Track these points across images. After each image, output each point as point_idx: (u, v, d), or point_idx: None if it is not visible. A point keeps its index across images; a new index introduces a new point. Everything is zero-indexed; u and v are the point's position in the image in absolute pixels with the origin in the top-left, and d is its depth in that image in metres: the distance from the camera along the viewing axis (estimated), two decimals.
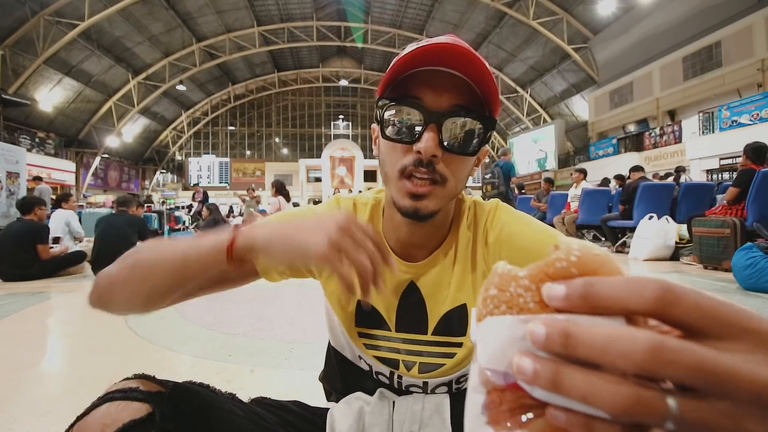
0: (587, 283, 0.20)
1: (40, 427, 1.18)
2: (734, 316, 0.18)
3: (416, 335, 0.63)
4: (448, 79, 0.51)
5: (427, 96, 0.52)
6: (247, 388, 1.46)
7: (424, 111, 0.51)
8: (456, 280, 0.62)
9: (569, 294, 0.20)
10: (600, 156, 16.00)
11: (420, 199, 0.52)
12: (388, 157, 0.55)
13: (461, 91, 0.52)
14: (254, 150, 26.82)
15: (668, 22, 12.97)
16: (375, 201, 0.67)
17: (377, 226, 0.65)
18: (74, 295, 3.35)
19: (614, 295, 0.19)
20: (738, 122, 10.52)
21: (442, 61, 0.50)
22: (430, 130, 0.50)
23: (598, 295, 0.19)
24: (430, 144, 0.50)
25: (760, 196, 3.64)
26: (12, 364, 1.71)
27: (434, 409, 0.62)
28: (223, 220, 6.35)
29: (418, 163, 0.51)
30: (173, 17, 16.24)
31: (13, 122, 14.37)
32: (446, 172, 0.52)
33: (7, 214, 7.20)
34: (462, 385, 0.67)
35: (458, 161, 0.53)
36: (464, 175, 0.56)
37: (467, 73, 0.51)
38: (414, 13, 18.17)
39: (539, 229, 0.60)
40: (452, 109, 0.51)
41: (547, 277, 0.22)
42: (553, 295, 0.21)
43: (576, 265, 0.22)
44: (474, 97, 0.53)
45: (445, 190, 0.53)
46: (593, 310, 0.20)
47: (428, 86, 0.52)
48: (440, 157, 0.51)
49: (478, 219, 0.64)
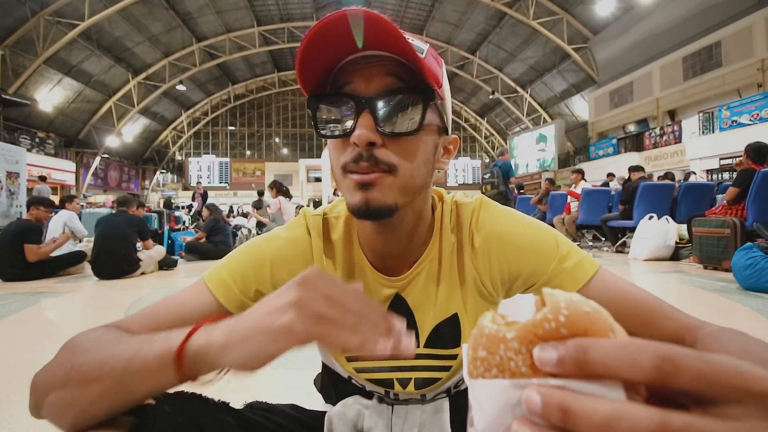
0: (580, 349, 0.19)
1: (40, 427, 1.18)
2: (737, 380, 0.18)
3: None
4: (378, 61, 0.47)
5: (358, 81, 0.47)
6: (246, 389, 1.46)
7: (353, 98, 0.46)
8: (444, 290, 0.58)
9: (561, 360, 0.20)
10: (600, 156, 16.01)
11: (368, 189, 0.46)
12: (333, 158, 0.50)
13: (393, 69, 0.47)
14: (254, 150, 26.82)
15: (668, 22, 12.97)
16: (348, 213, 0.60)
17: (354, 238, 0.59)
18: (74, 295, 3.35)
19: (610, 364, 0.19)
20: (738, 122, 10.52)
21: (363, 43, 0.45)
22: (362, 117, 0.45)
23: (593, 363, 0.19)
24: (363, 131, 0.45)
25: (760, 196, 3.64)
26: (12, 364, 1.71)
27: (433, 412, 0.61)
28: (223, 220, 6.35)
29: (357, 156, 0.46)
30: (173, 17, 16.24)
31: (13, 122, 14.37)
32: (392, 158, 0.46)
33: (7, 213, 7.20)
34: (460, 387, 0.67)
35: (405, 144, 0.47)
36: (419, 160, 0.49)
37: (393, 49, 0.45)
38: (414, 13, 18.16)
39: (527, 224, 0.57)
40: (383, 89, 0.46)
41: (536, 339, 0.21)
42: (544, 360, 0.20)
43: (565, 326, 0.21)
44: (408, 70, 0.47)
45: (397, 179, 0.47)
46: (588, 377, 0.19)
47: (357, 71, 0.47)
48: (380, 144, 0.46)
49: (462, 221, 0.59)
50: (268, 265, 0.56)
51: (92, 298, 3.27)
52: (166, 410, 0.43)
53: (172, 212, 9.13)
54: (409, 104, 0.47)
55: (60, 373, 0.40)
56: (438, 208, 0.60)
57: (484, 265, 0.57)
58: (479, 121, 25.93)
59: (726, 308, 2.46)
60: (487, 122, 25.54)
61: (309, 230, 0.59)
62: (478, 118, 25.81)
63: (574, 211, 6.27)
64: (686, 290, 3.07)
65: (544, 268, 0.54)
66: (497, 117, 24.54)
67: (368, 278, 0.58)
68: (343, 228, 0.60)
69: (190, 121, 24.87)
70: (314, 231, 0.59)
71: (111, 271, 4.04)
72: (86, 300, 3.23)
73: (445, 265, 0.58)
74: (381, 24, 0.42)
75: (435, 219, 0.59)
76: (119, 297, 3.21)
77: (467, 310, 0.58)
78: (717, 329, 0.42)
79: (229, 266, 0.56)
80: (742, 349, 0.35)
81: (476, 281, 0.58)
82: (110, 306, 2.92)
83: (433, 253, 0.58)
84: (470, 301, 0.58)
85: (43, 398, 0.40)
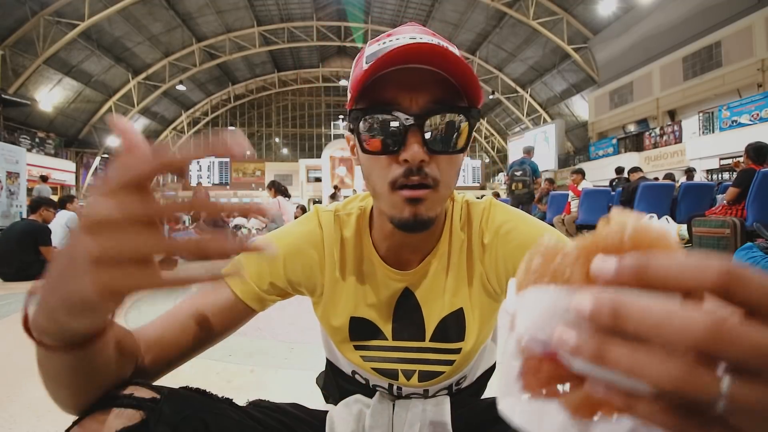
0: (642, 258, 0.19)
1: (40, 427, 1.18)
2: None
3: (414, 342, 0.61)
4: (421, 76, 0.47)
5: (402, 98, 0.48)
6: (246, 388, 1.46)
7: (401, 115, 0.47)
8: (451, 284, 0.60)
9: (622, 267, 0.19)
10: (600, 156, 16.00)
11: (418, 204, 0.49)
12: (374, 172, 0.51)
13: (437, 86, 0.48)
14: (254, 150, 26.82)
15: (668, 22, 12.97)
16: (360, 210, 0.63)
17: (365, 236, 0.61)
18: None
19: (673, 270, 0.18)
20: (738, 122, 10.52)
21: (411, 58, 0.46)
22: (412, 135, 0.47)
23: (655, 269, 0.18)
24: (416, 150, 0.46)
25: (760, 196, 3.64)
26: (12, 364, 1.71)
27: (435, 410, 0.61)
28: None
29: (407, 172, 0.48)
30: (173, 17, 16.23)
31: (13, 122, 14.36)
32: (437, 174, 0.49)
33: (7, 213, 7.20)
34: (461, 385, 0.67)
35: (447, 161, 0.50)
36: (455, 174, 0.52)
37: (440, 65, 0.47)
38: (414, 13, 18.16)
39: (537, 226, 0.59)
40: (430, 107, 0.47)
41: (597, 250, 0.21)
42: (603, 267, 0.19)
43: (630, 240, 0.20)
44: (451, 88, 0.49)
45: (438, 194, 0.50)
46: (647, 285, 0.18)
47: (401, 87, 0.48)
48: (428, 161, 0.48)
49: (472, 219, 0.61)
50: (282, 259, 0.59)
51: None
52: (172, 405, 0.44)
53: None
54: (458, 124, 0.49)
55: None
56: (449, 206, 0.62)
57: (490, 263, 0.59)
58: (479, 121, 25.90)
59: None
60: (487, 122, 25.55)
61: (321, 225, 0.62)
62: None
63: (574, 211, 6.27)
64: None
65: None
66: (497, 117, 24.54)
67: (378, 272, 0.60)
68: (355, 224, 0.62)
69: (190, 121, 24.87)
70: (326, 226, 0.62)
71: None
72: None
73: (454, 261, 0.60)
74: (442, 48, 0.45)
75: (446, 217, 0.61)
76: None
77: (472, 305, 0.60)
78: None
79: (245, 261, 0.58)
80: None
81: (482, 278, 0.60)
82: None
83: (443, 249, 0.60)
84: (476, 297, 0.60)
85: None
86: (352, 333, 0.62)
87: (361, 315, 0.61)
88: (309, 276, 0.60)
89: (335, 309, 0.61)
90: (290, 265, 0.59)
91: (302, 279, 0.60)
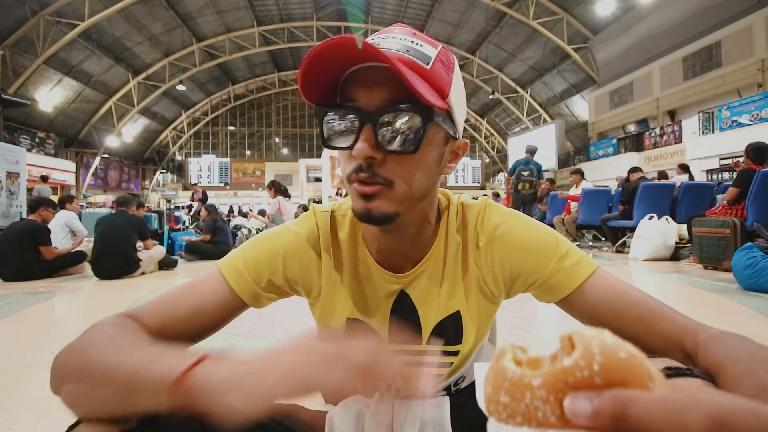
0: (618, 402, 0.18)
1: (40, 427, 1.18)
2: None
3: (411, 346, 0.61)
4: (382, 74, 0.46)
5: (361, 95, 0.47)
6: None
7: (356, 112, 0.47)
8: (447, 287, 0.59)
9: (597, 413, 0.18)
10: (600, 156, 16.01)
11: (370, 200, 0.48)
12: (342, 166, 0.52)
13: (395, 83, 0.45)
14: (254, 150, 26.82)
15: (668, 22, 12.97)
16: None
17: (359, 237, 0.61)
18: (74, 295, 3.35)
19: (653, 424, 0.17)
20: (738, 122, 10.52)
21: (368, 56, 0.45)
22: (363, 131, 0.46)
23: (633, 420, 0.17)
24: (361, 146, 0.46)
25: (760, 196, 3.64)
26: (12, 364, 1.71)
27: (435, 411, 0.61)
28: (222, 220, 6.34)
29: (357, 168, 0.48)
30: (173, 17, 16.24)
31: (13, 122, 14.37)
32: (390, 173, 0.48)
33: (7, 213, 7.20)
34: (460, 386, 0.67)
35: (404, 160, 0.48)
36: (419, 174, 0.49)
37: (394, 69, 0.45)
38: (414, 13, 18.16)
39: (528, 224, 0.58)
40: (386, 104, 0.47)
41: (567, 387, 0.20)
42: (577, 412, 0.19)
43: (600, 374, 0.19)
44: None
45: (394, 192, 0.48)
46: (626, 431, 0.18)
47: (361, 84, 0.48)
48: (380, 159, 0.47)
49: (468, 221, 0.60)
50: (281, 256, 0.59)
51: (92, 298, 3.27)
52: None
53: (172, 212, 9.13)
54: (409, 122, 0.47)
55: (76, 364, 0.41)
56: (445, 209, 0.61)
57: (487, 265, 0.59)
58: (479, 121, 25.93)
59: (726, 308, 2.45)
60: (487, 122, 25.55)
61: (318, 226, 0.61)
62: (478, 118, 25.82)
63: (574, 211, 6.28)
64: (686, 290, 3.07)
65: (543, 266, 0.55)
66: (497, 117, 24.54)
67: (373, 274, 0.60)
68: (350, 226, 0.61)
69: (190, 121, 24.87)
70: (322, 227, 0.61)
71: (111, 272, 4.04)
72: (86, 300, 3.23)
73: (450, 263, 0.59)
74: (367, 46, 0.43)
75: (441, 219, 0.60)
76: (119, 297, 3.21)
77: (469, 307, 0.60)
78: (719, 333, 0.42)
79: (244, 256, 0.58)
80: (752, 358, 0.33)
81: (479, 280, 0.59)
82: (110, 306, 2.92)
83: (438, 252, 0.60)
84: (472, 299, 0.60)
85: (62, 384, 0.42)
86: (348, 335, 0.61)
87: (357, 317, 0.60)
88: (307, 276, 0.60)
89: (332, 310, 0.61)
90: (289, 263, 0.59)
91: (300, 278, 0.60)
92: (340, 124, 0.49)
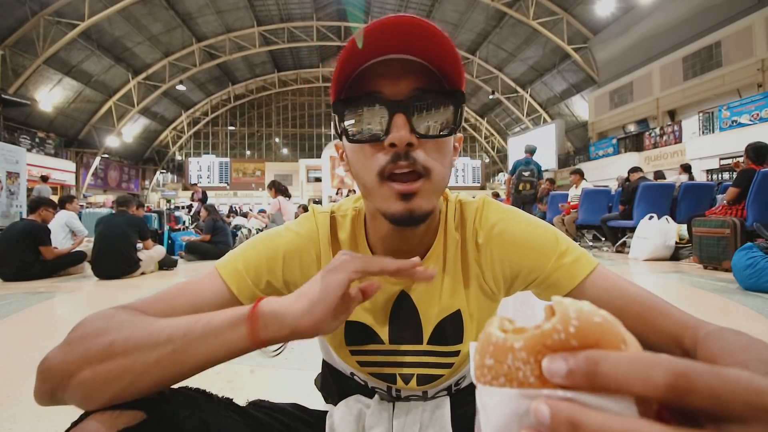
0: (590, 361, 0.19)
1: (40, 427, 1.18)
2: (754, 396, 0.17)
3: (411, 346, 0.60)
4: (402, 66, 0.47)
5: (385, 86, 0.47)
6: (247, 388, 1.46)
7: (385, 102, 0.47)
8: (447, 286, 0.59)
9: (571, 372, 0.20)
10: (600, 156, 16.01)
11: (411, 199, 0.47)
12: (361, 165, 0.50)
13: (419, 74, 0.48)
14: (254, 150, 26.82)
15: (668, 22, 12.97)
16: (355, 211, 0.62)
17: (360, 238, 0.61)
18: (74, 295, 3.35)
19: (621, 379, 0.18)
20: (738, 122, 10.52)
21: (390, 48, 0.46)
22: (398, 118, 0.46)
23: (604, 376, 0.19)
24: (402, 132, 0.45)
25: (760, 196, 3.64)
26: (12, 364, 1.71)
27: (434, 410, 0.61)
28: (222, 220, 6.34)
29: (395, 157, 0.46)
30: (173, 17, 16.24)
31: (13, 122, 14.37)
32: (428, 161, 0.47)
33: (7, 213, 7.20)
34: (461, 385, 0.67)
35: (437, 146, 0.48)
36: (447, 164, 0.50)
37: (420, 54, 0.47)
38: (414, 13, 17.76)
39: (528, 221, 0.58)
40: (414, 93, 0.47)
41: (545, 349, 0.21)
42: (554, 372, 0.20)
43: (575, 337, 0.21)
44: (433, 75, 0.49)
45: (432, 183, 0.48)
46: (598, 390, 0.19)
47: (383, 77, 0.48)
48: (416, 145, 0.47)
49: (466, 219, 0.60)
50: (281, 256, 0.58)
51: (92, 298, 3.27)
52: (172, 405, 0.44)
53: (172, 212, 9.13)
54: (441, 106, 0.48)
55: (95, 348, 0.40)
56: (443, 206, 0.61)
57: (486, 263, 0.58)
58: (479, 121, 25.93)
59: (726, 308, 2.45)
60: (487, 122, 25.55)
61: (317, 226, 0.61)
62: (478, 118, 25.82)
63: (574, 211, 6.28)
64: (686, 290, 3.07)
65: (543, 264, 0.55)
66: (497, 117, 24.53)
67: None
68: (350, 226, 0.61)
69: (190, 121, 24.87)
70: (322, 227, 0.61)
71: (111, 271, 4.04)
72: (86, 300, 3.23)
73: (449, 262, 0.59)
74: (421, 29, 0.45)
75: (440, 217, 0.60)
76: (119, 297, 3.21)
77: (470, 306, 0.59)
78: (717, 329, 0.42)
79: (243, 256, 0.57)
80: (744, 350, 0.34)
81: (479, 278, 0.59)
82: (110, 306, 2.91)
83: (438, 251, 0.59)
84: (473, 297, 0.59)
85: (68, 379, 0.39)
86: (348, 337, 0.61)
87: (357, 319, 0.60)
88: (307, 276, 0.59)
89: None
90: (289, 264, 0.58)
91: (299, 279, 0.59)
92: (367, 116, 0.48)
